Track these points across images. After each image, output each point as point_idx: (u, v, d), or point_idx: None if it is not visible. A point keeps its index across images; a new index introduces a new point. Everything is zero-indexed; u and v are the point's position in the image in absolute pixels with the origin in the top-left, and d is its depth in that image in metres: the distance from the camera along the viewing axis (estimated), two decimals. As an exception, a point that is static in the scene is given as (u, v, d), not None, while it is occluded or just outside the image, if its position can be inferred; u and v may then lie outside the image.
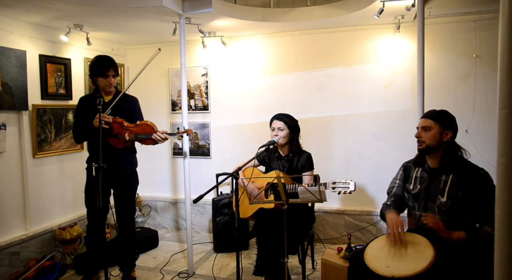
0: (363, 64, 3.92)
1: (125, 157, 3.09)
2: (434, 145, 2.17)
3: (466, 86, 3.62)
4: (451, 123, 2.19)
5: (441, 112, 2.23)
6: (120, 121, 2.95)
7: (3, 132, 3.16)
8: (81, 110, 3.04)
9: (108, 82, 2.96)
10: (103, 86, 2.99)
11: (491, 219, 2.01)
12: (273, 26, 3.86)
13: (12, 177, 3.31)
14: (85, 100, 3.08)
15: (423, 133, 2.20)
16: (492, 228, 1.98)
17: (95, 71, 2.95)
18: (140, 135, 2.98)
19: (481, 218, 2.07)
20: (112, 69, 2.95)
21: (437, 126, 2.16)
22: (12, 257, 3.21)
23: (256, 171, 3.15)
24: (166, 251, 4.00)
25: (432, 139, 2.16)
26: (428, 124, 2.18)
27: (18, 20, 3.29)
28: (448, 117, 2.21)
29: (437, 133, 2.16)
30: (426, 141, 2.18)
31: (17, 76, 3.24)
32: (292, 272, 3.34)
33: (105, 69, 2.92)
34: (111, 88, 3.02)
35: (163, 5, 2.95)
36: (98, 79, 2.96)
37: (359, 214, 3.98)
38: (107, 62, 2.95)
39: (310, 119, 4.04)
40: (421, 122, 2.25)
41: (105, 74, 2.93)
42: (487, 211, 2.04)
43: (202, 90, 4.47)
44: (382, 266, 1.97)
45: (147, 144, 3.04)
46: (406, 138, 3.73)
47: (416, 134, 2.24)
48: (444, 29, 3.65)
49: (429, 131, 2.17)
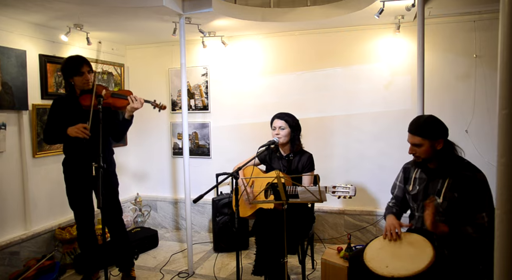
0: (363, 64, 3.92)
1: (106, 156, 2.99)
2: (430, 156, 2.15)
3: (466, 86, 3.62)
4: (439, 131, 2.13)
5: (426, 122, 2.15)
6: (105, 86, 3.00)
7: (3, 131, 3.16)
8: (56, 112, 2.96)
9: (85, 79, 2.90)
10: (81, 84, 2.91)
11: (476, 222, 2.02)
12: (273, 26, 3.86)
13: (12, 177, 3.31)
14: (61, 101, 3.00)
15: (416, 148, 2.17)
16: (474, 230, 2.01)
17: (69, 71, 2.89)
18: (116, 94, 2.96)
19: (467, 218, 2.07)
20: (85, 64, 2.90)
21: (426, 141, 2.12)
22: (12, 257, 3.21)
23: (256, 170, 3.15)
24: (166, 251, 4.00)
25: (426, 153, 2.14)
26: (417, 142, 2.14)
27: (18, 20, 3.29)
28: (434, 126, 2.13)
29: (428, 148, 2.13)
30: (421, 156, 2.16)
31: (17, 76, 3.24)
32: (292, 272, 3.34)
33: (78, 66, 2.87)
34: (89, 84, 2.93)
35: (163, 5, 2.95)
36: (74, 79, 2.90)
37: (359, 214, 3.99)
38: (78, 59, 2.90)
39: (310, 119, 4.04)
40: (410, 138, 2.19)
41: (80, 72, 2.87)
42: (473, 213, 2.04)
43: (202, 90, 4.47)
44: (381, 266, 1.97)
45: (119, 107, 2.96)
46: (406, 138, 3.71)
47: (409, 151, 2.21)
48: (444, 29, 3.65)
49: (421, 147, 2.14)
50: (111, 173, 3.11)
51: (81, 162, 2.95)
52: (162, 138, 4.69)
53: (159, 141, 4.71)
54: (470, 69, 3.60)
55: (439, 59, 3.68)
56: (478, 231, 2.01)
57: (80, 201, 3.03)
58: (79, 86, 2.93)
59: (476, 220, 2.03)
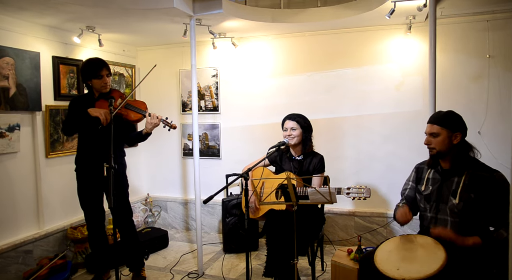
0: (374, 64, 3.89)
1: (117, 158, 3.03)
2: (445, 150, 2.13)
3: (479, 87, 3.57)
4: (459, 124, 2.14)
5: (446, 114, 2.17)
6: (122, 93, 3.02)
7: (17, 132, 3.21)
8: (75, 109, 2.98)
9: (103, 83, 2.94)
10: (98, 87, 2.95)
11: (506, 222, 1.97)
12: (283, 27, 3.86)
13: (25, 177, 3.36)
14: (78, 100, 3.04)
15: (432, 139, 2.15)
16: (508, 231, 1.95)
17: (88, 74, 2.93)
18: (131, 106, 2.96)
19: (496, 221, 2.03)
20: (104, 68, 2.93)
21: (444, 131, 2.11)
22: (25, 255, 3.26)
23: (266, 171, 3.14)
24: (176, 251, 4.02)
25: (442, 145, 2.12)
26: (435, 131, 2.13)
27: (32, 23, 3.35)
28: (454, 118, 2.15)
29: (446, 138, 2.11)
30: (436, 147, 2.14)
31: (31, 78, 3.29)
32: (302, 273, 3.33)
33: (98, 69, 2.90)
34: (107, 88, 2.98)
35: (173, 6, 2.97)
36: (92, 81, 2.94)
37: (370, 215, 3.96)
38: (99, 62, 2.94)
39: (320, 120, 4.03)
40: (428, 128, 2.19)
41: (99, 75, 2.91)
42: (502, 214, 2.00)
43: (212, 91, 4.48)
44: (392, 269, 1.95)
45: (131, 120, 2.97)
46: (417, 139, 3.67)
47: (425, 141, 2.19)
48: (456, 29, 3.60)
49: (438, 137, 2.12)
50: (122, 175, 3.13)
51: (92, 162, 2.98)
52: (173, 139, 4.72)
53: (169, 142, 4.74)
54: (482, 70, 3.55)
55: (450, 60, 3.63)
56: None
57: (91, 201, 3.07)
58: (97, 89, 2.98)
59: (507, 220, 1.97)
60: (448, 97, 3.59)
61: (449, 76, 3.63)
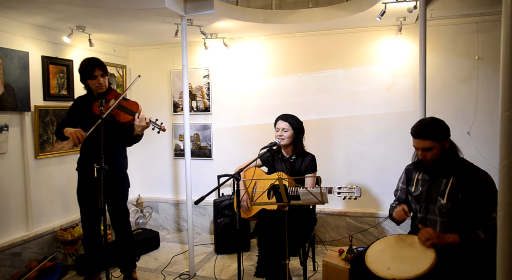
0: (364, 66, 3.92)
1: (115, 158, 3.04)
2: (440, 157, 2.15)
3: (468, 88, 3.61)
4: (446, 131, 2.15)
5: (432, 125, 2.15)
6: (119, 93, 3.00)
7: (5, 133, 3.17)
8: (73, 109, 3.02)
9: (97, 83, 2.91)
10: (94, 88, 2.94)
11: (486, 223, 2.01)
12: (275, 28, 3.87)
13: (14, 178, 3.32)
14: (80, 100, 3.06)
15: (426, 153, 2.14)
16: (486, 233, 1.99)
17: (83, 75, 2.92)
18: (123, 107, 2.92)
19: (476, 222, 2.06)
20: (97, 68, 2.89)
21: (437, 143, 2.11)
22: (13, 258, 3.22)
23: (258, 171, 3.14)
24: (167, 253, 3.99)
25: (437, 155, 2.13)
26: (428, 145, 2.12)
27: (20, 22, 3.30)
28: (441, 127, 2.14)
29: (439, 149, 2.13)
30: (432, 158, 2.15)
31: (19, 77, 3.25)
32: (293, 274, 3.34)
33: (91, 70, 2.88)
34: (102, 88, 2.95)
35: (165, 6, 2.96)
36: (88, 82, 2.93)
37: (361, 216, 3.98)
38: (92, 63, 2.90)
39: (311, 120, 4.04)
40: (419, 143, 2.16)
41: (93, 75, 2.88)
42: (483, 215, 2.04)
43: (204, 92, 4.47)
44: (383, 269, 1.97)
45: (122, 121, 2.91)
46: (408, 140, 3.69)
47: (420, 156, 2.18)
48: (446, 31, 3.64)
49: (432, 150, 2.12)
50: (120, 176, 3.10)
51: (89, 162, 2.95)
52: (164, 139, 4.70)
53: (160, 142, 4.71)
54: (472, 71, 3.59)
55: (441, 61, 3.67)
56: (490, 233, 1.98)
57: (87, 201, 3.03)
58: (94, 89, 2.97)
59: (487, 221, 2.01)
60: (438, 98, 3.63)
61: (439, 77, 3.67)
